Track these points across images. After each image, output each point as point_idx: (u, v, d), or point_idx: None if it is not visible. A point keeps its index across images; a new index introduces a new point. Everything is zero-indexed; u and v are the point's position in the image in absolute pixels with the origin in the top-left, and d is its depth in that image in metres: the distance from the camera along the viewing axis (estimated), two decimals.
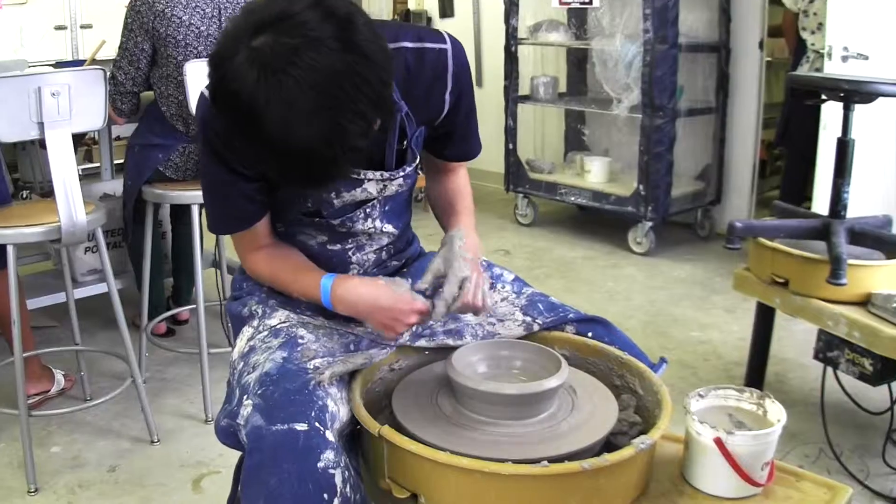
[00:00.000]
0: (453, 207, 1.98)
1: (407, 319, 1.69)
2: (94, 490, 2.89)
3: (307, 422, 1.54)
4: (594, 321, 1.94)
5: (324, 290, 1.74)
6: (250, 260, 1.87)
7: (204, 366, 3.36)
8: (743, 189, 5.83)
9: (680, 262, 5.39)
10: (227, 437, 1.68)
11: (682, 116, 5.51)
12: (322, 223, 1.84)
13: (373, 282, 1.73)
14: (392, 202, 1.90)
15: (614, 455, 1.45)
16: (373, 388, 1.80)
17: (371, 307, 1.70)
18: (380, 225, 1.90)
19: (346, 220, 1.84)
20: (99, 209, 3.03)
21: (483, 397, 1.60)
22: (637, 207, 5.45)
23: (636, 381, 1.78)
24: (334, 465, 1.51)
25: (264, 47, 1.39)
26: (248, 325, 1.86)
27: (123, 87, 3.49)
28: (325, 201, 1.80)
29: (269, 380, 1.63)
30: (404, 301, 1.69)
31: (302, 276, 1.80)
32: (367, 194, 1.82)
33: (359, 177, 1.78)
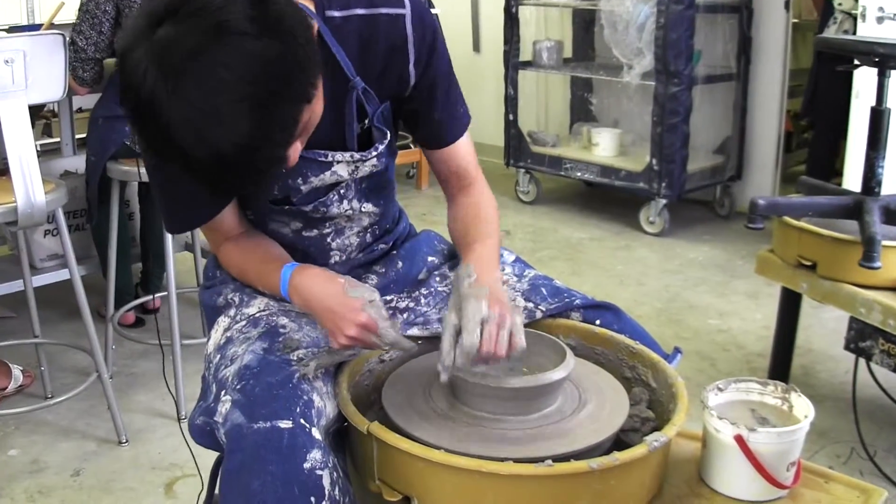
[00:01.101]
0: (467, 235, 1.88)
1: (346, 330, 1.62)
2: (56, 497, 2.89)
3: (292, 418, 1.54)
4: (603, 307, 1.94)
5: (283, 282, 1.73)
6: (221, 253, 1.88)
7: (177, 359, 3.37)
8: (766, 163, 5.84)
9: (697, 243, 5.39)
10: (203, 437, 1.68)
11: (700, 84, 5.51)
12: (293, 211, 1.84)
13: (331, 278, 1.68)
14: (369, 180, 1.88)
15: (625, 454, 1.45)
16: (361, 382, 1.79)
17: (321, 307, 1.66)
18: (358, 205, 1.89)
19: (319, 205, 1.83)
20: (59, 188, 3.03)
21: (481, 391, 1.60)
22: (650, 184, 5.45)
23: (649, 373, 1.78)
24: (322, 465, 1.51)
25: (164, 40, 1.35)
26: (224, 314, 1.86)
27: (85, 54, 3.47)
28: (292, 188, 1.79)
29: (249, 373, 1.63)
30: (348, 308, 1.61)
31: (267, 268, 1.79)
32: (338, 177, 1.81)
33: (326, 159, 1.77)
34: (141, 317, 4.27)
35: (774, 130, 5.78)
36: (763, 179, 5.85)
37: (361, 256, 1.97)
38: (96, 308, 4.06)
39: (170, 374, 3.44)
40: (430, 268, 2.01)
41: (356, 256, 1.96)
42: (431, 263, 2.02)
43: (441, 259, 2.05)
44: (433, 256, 2.04)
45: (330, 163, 1.77)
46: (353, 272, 1.94)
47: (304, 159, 1.75)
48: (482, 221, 1.90)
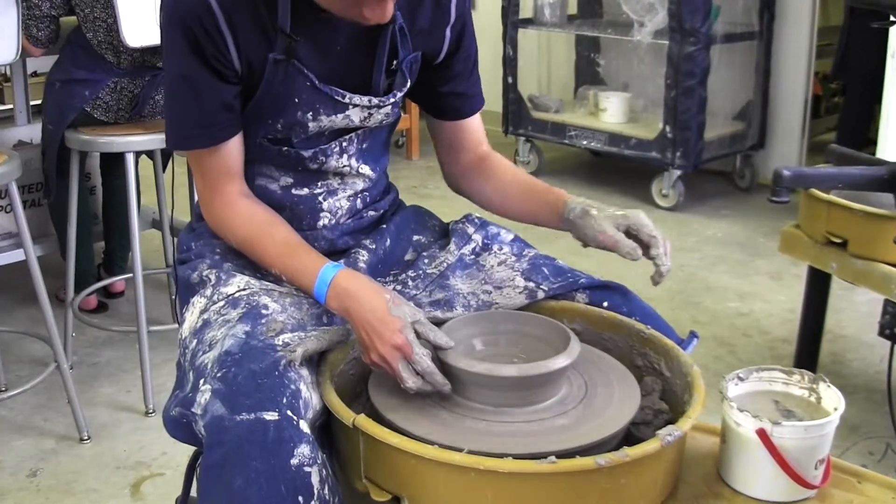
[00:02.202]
0: (535, 188, 2.00)
1: (380, 347, 1.63)
2: (11, 499, 2.89)
3: (278, 410, 1.54)
4: (610, 288, 1.95)
5: (321, 280, 1.73)
6: (220, 207, 1.87)
7: (143, 347, 3.37)
8: (791, 130, 5.84)
9: (715, 218, 5.40)
10: (179, 430, 1.68)
11: (718, 43, 5.49)
12: (290, 155, 1.87)
13: (377, 291, 1.69)
14: (370, 140, 1.94)
15: (636, 449, 1.44)
16: (346, 371, 1.79)
17: (361, 318, 1.66)
18: (355, 164, 1.94)
19: (319, 153, 1.88)
20: (12, 160, 3.02)
21: (477, 380, 1.60)
22: (663, 153, 5.45)
23: (662, 361, 1.78)
24: (310, 461, 1.51)
25: None
26: (200, 294, 1.85)
27: (39, 10, 3.46)
28: (299, 122, 1.82)
29: (230, 360, 1.63)
30: (386, 326, 1.64)
31: (295, 255, 1.80)
32: (349, 122, 1.86)
33: (343, 99, 1.83)
34: (104, 301, 4.27)
35: (801, 94, 5.78)
36: (788, 148, 5.85)
37: (351, 222, 1.99)
38: (54, 292, 4.06)
39: (136, 364, 3.44)
40: (418, 248, 2.03)
41: (346, 222, 1.98)
42: (418, 243, 2.04)
43: (431, 237, 2.06)
44: (420, 235, 2.05)
45: (346, 104, 1.83)
46: (342, 239, 1.97)
47: (320, 94, 1.80)
48: (530, 178, 2.05)
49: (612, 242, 1.78)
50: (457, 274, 1.95)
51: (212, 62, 1.74)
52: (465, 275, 1.96)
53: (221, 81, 1.77)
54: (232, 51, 1.75)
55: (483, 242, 2.02)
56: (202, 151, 1.83)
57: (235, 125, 1.82)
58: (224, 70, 1.76)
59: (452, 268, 1.96)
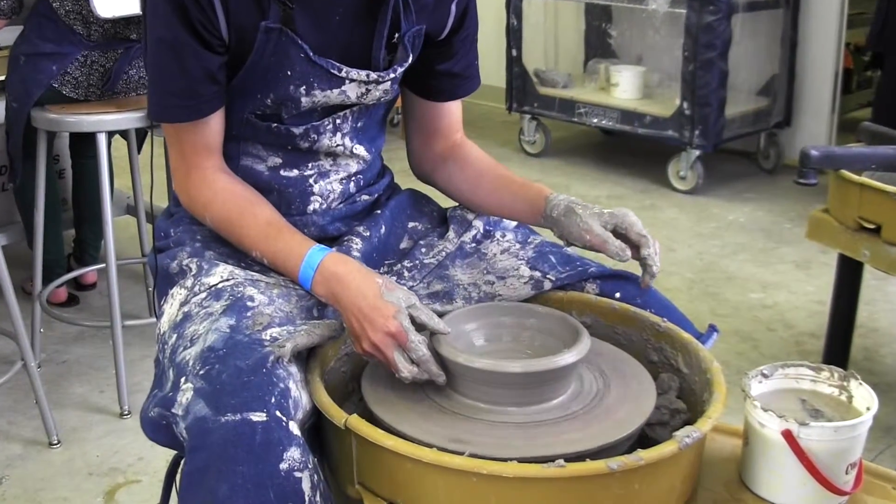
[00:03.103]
0: (512, 182, 2.01)
1: (372, 335, 1.64)
2: None
3: (266, 410, 1.54)
4: (623, 278, 1.95)
5: (307, 264, 1.73)
6: (197, 184, 1.87)
7: (118, 343, 3.37)
8: (820, 107, 5.83)
9: (737, 202, 5.40)
10: (158, 432, 1.68)
11: (741, 12, 5.49)
12: (280, 132, 1.86)
13: (368, 276, 1.70)
14: (366, 118, 1.94)
15: (651, 452, 1.45)
16: (337, 368, 1.80)
17: (351, 305, 1.67)
18: (349, 144, 1.94)
19: (311, 131, 1.88)
20: None
21: (479, 377, 1.60)
22: (680, 131, 5.45)
23: (679, 357, 1.79)
24: (301, 466, 1.51)
25: None
26: (180, 285, 1.85)
27: None
28: (291, 97, 1.82)
29: (213, 356, 1.63)
30: (379, 312, 1.64)
31: (279, 235, 1.80)
32: (344, 98, 1.86)
33: (339, 73, 1.82)
34: (75, 294, 4.27)
35: (830, 67, 5.77)
36: (816, 126, 5.85)
37: (343, 207, 1.99)
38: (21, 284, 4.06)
39: (110, 362, 3.44)
40: (414, 235, 2.03)
41: (337, 206, 1.98)
42: (415, 230, 2.04)
43: (428, 224, 2.06)
44: (416, 221, 2.06)
45: (342, 78, 1.83)
46: (333, 225, 1.97)
47: (315, 67, 1.80)
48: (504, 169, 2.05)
49: (600, 242, 1.79)
50: (456, 263, 1.96)
51: (198, 28, 1.74)
52: (466, 264, 1.96)
53: (207, 50, 1.76)
54: (220, 17, 1.74)
55: (485, 229, 2.02)
56: (182, 125, 1.83)
57: (220, 98, 1.82)
58: (210, 38, 1.75)
59: (452, 257, 1.96)
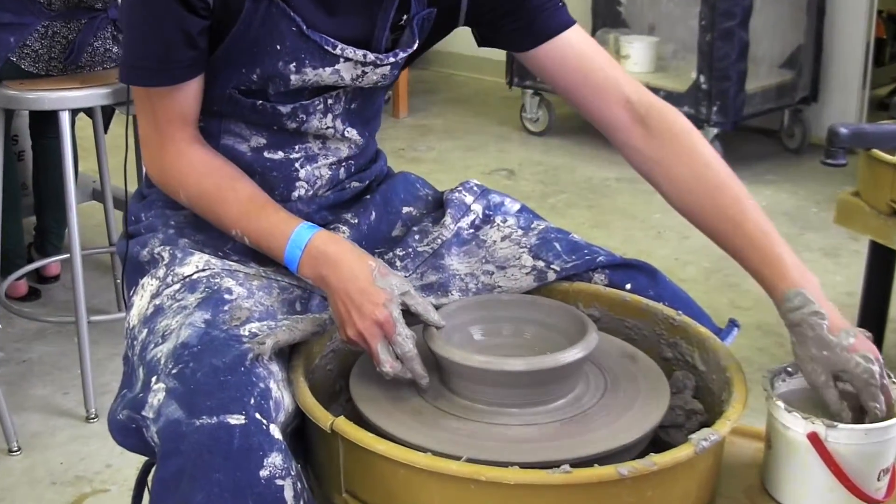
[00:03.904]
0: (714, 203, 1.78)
1: (358, 322, 1.64)
2: None
3: (244, 412, 1.54)
4: (635, 267, 1.95)
5: (294, 242, 1.73)
6: (171, 156, 1.85)
7: (83, 340, 3.36)
8: (850, 81, 5.83)
9: (758, 184, 5.40)
10: (128, 437, 1.68)
11: None
12: (265, 110, 1.85)
13: (361, 258, 1.70)
14: (361, 99, 1.93)
15: (665, 456, 1.45)
16: (322, 366, 1.80)
17: (340, 288, 1.67)
18: (341, 127, 1.92)
19: (299, 110, 1.86)
20: None
21: (478, 376, 1.60)
22: (697, 107, 5.44)
23: (695, 353, 1.79)
24: (283, 473, 1.51)
25: None
26: (151, 275, 1.85)
27: None
28: (278, 75, 1.81)
29: (187, 353, 1.63)
30: (368, 298, 1.64)
31: (262, 212, 1.79)
32: (338, 79, 1.84)
33: (334, 50, 1.80)
34: (36, 287, 4.26)
35: (861, 38, 5.76)
36: (845, 102, 5.85)
37: (331, 195, 1.98)
38: None
39: (74, 361, 3.44)
40: (407, 221, 2.03)
41: (325, 194, 1.98)
42: (408, 216, 2.04)
43: (421, 209, 2.06)
44: (410, 206, 2.06)
45: (337, 56, 1.81)
46: (319, 214, 1.95)
47: (307, 42, 1.78)
48: (722, 172, 1.81)
49: (820, 394, 1.62)
50: (453, 252, 1.96)
51: None
52: (463, 252, 1.96)
53: (187, 11, 1.73)
54: None
55: (484, 214, 2.02)
56: (156, 90, 1.81)
57: (198, 66, 1.80)
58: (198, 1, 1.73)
59: (448, 245, 1.96)
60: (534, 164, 5.76)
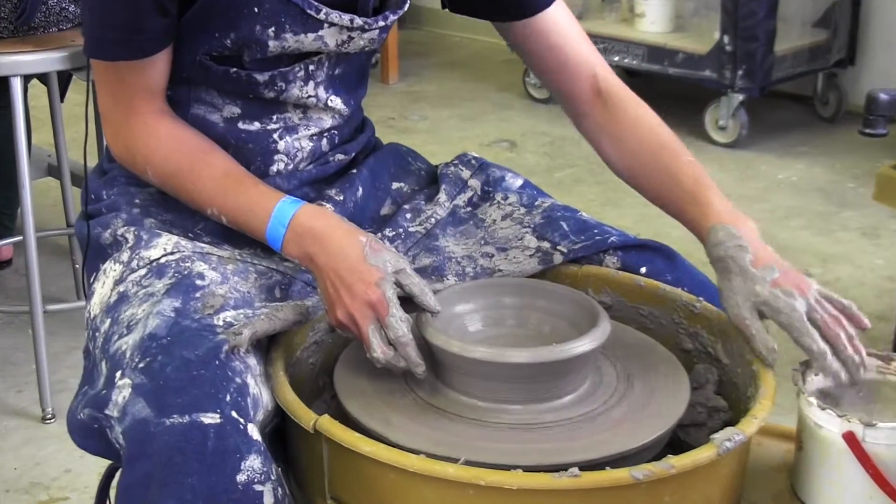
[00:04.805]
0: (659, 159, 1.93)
1: (349, 303, 1.64)
2: None
3: (219, 410, 1.54)
4: (650, 249, 1.96)
5: (277, 218, 1.73)
6: (137, 131, 1.85)
7: (38, 332, 3.36)
8: (891, 42, 5.82)
9: (789, 156, 5.40)
10: (89, 439, 1.68)
11: None
12: (239, 78, 1.85)
13: (351, 234, 1.70)
14: (346, 64, 1.93)
15: (684, 458, 1.45)
16: (304, 359, 1.80)
17: (328, 267, 1.68)
18: (324, 95, 1.92)
19: (278, 78, 1.86)
20: None
21: (477, 369, 1.61)
22: (720, 71, 5.44)
23: (718, 344, 1.80)
24: (262, 477, 1.52)
25: None
26: (114, 259, 1.85)
27: None
28: (255, 41, 1.80)
29: (155, 346, 1.63)
30: (359, 277, 1.64)
31: (240, 186, 1.80)
32: (321, 45, 1.84)
33: (318, 15, 1.80)
34: None
35: None
36: (886, 64, 5.84)
37: (313, 169, 1.98)
38: None
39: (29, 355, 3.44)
40: (398, 199, 2.04)
41: (306, 168, 1.98)
42: (398, 192, 2.05)
43: (414, 184, 2.07)
44: (400, 182, 2.06)
45: (321, 22, 1.81)
46: (301, 190, 1.95)
47: (288, 5, 1.78)
48: (675, 141, 1.96)
49: (742, 329, 1.69)
50: (448, 232, 1.96)
51: None
52: (460, 233, 1.97)
53: None
54: None
55: (483, 190, 2.02)
56: (124, 63, 1.81)
57: (169, 34, 1.80)
58: None
59: (443, 224, 1.96)
60: (538, 134, 5.76)
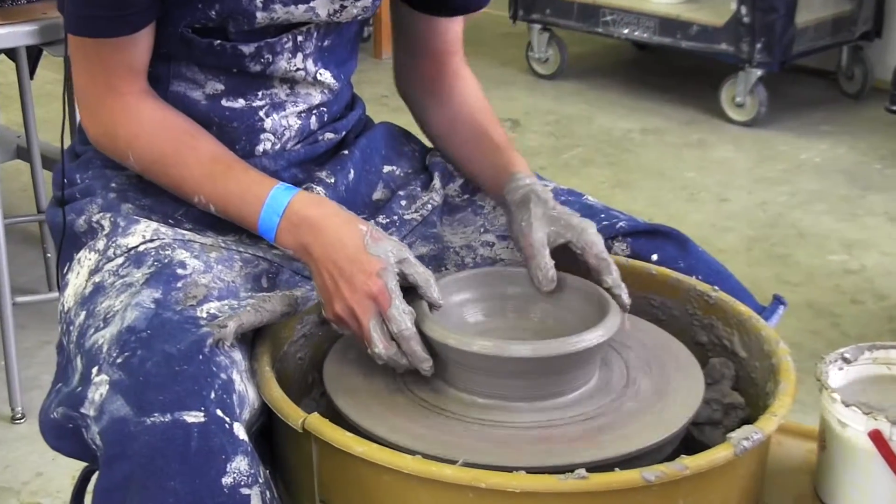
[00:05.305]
0: (488, 136, 2.01)
1: (348, 296, 1.64)
2: None
3: (204, 408, 1.54)
4: (662, 235, 1.96)
5: (270, 206, 1.73)
6: (117, 113, 1.84)
7: (7, 326, 3.37)
8: None
9: (811, 136, 5.40)
10: (63, 439, 1.68)
11: None
12: (224, 51, 1.84)
13: (350, 222, 1.71)
14: (336, 35, 1.93)
15: (699, 459, 1.45)
16: (292, 353, 1.81)
17: (325, 257, 1.68)
18: (313, 68, 1.92)
19: (264, 50, 1.85)
20: None
21: (477, 364, 1.61)
22: (737, 45, 5.43)
23: (735, 336, 1.80)
24: (249, 480, 1.52)
25: None
26: (89, 247, 1.85)
27: None
28: (241, 12, 1.80)
29: (135, 339, 1.62)
30: (360, 268, 1.64)
31: (229, 172, 1.80)
32: (312, 15, 1.85)
33: None
34: None
35: None
36: None
37: (301, 148, 1.98)
38: None
39: None
40: (391, 183, 2.04)
41: (294, 147, 1.98)
42: (391, 176, 2.05)
43: (408, 167, 2.08)
44: (392, 165, 2.07)
45: None
46: (288, 171, 1.96)
47: None
48: (495, 121, 2.06)
49: (529, 254, 1.76)
50: (445, 220, 1.96)
51: None
52: (458, 221, 1.97)
53: None
54: None
55: None
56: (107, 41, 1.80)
57: (154, 8, 1.80)
58: None
59: (439, 211, 1.96)
60: (543, 113, 5.76)
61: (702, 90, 5.80)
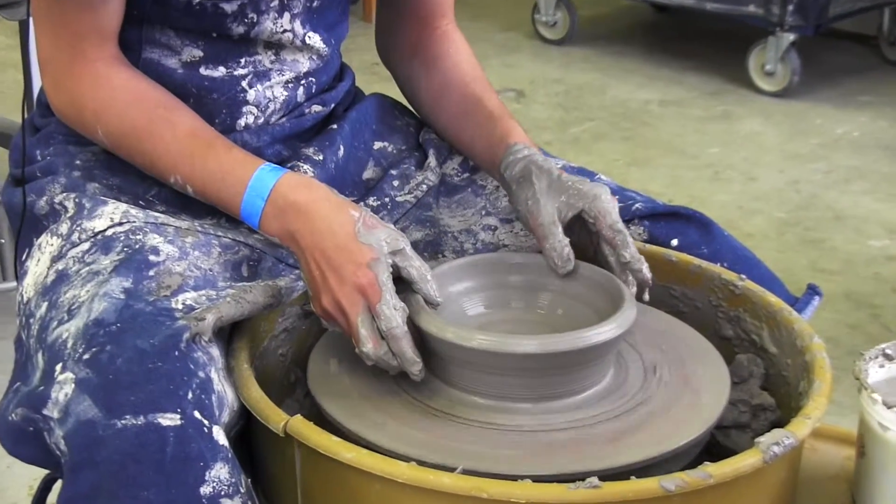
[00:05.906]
0: (482, 104, 2.01)
1: (336, 288, 1.64)
2: None
3: (180, 410, 1.54)
4: (683, 217, 1.96)
5: (255, 187, 1.73)
6: (85, 84, 1.84)
7: None
8: None
9: (849, 107, 5.40)
10: (22, 444, 1.67)
11: None
12: (203, 11, 1.84)
13: (341, 206, 1.70)
14: None
15: (724, 466, 1.45)
16: (273, 349, 1.81)
17: (314, 245, 1.67)
18: (300, 31, 1.92)
19: (248, 8, 1.85)
20: None
21: (477, 360, 1.61)
22: (767, 7, 5.43)
23: (764, 331, 1.80)
24: (229, 489, 1.52)
25: None
26: (51, 231, 1.84)
27: None
28: None
29: (103, 333, 1.62)
30: (350, 257, 1.64)
31: (210, 150, 1.79)
32: None
33: None
34: None
35: None
36: None
37: (286, 122, 1.98)
38: None
39: None
40: (382, 161, 2.05)
41: (279, 121, 1.98)
42: (382, 153, 2.06)
43: (401, 144, 2.08)
44: (384, 141, 2.08)
45: None
46: (273, 148, 1.96)
47: None
48: (490, 88, 2.06)
49: (541, 235, 1.77)
50: (442, 202, 1.96)
51: None
52: (456, 202, 1.98)
53: None
54: None
55: None
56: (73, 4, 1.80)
57: None
58: None
59: (435, 192, 1.97)
60: (550, 82, 5.77)
61: (727, 57, 5.80)
